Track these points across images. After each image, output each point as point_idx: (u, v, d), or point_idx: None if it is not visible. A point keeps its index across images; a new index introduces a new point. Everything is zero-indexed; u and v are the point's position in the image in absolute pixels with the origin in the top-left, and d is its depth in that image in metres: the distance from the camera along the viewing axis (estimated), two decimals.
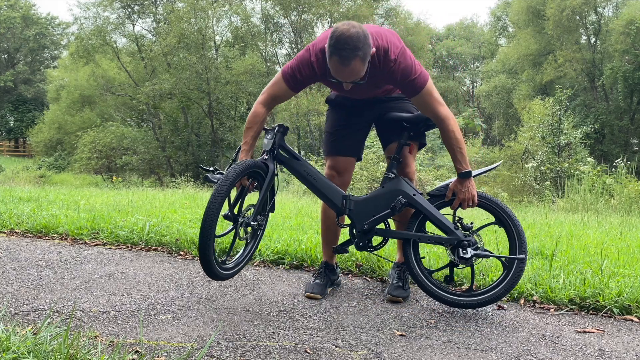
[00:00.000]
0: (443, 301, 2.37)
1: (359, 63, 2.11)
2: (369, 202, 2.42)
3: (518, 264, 2.35)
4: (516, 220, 2.42)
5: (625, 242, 3.79)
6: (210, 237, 2.10)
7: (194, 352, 1.78)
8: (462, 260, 2.35)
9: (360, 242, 2.42)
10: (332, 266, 2.71)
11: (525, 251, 2.37)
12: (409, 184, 2.44)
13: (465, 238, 2.36)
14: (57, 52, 43.23)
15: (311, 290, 2.56)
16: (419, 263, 2.42)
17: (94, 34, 24.46)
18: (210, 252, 2.12)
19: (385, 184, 2.44)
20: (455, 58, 41.46)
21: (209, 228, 2.09)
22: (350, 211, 2.41)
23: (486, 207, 2.43)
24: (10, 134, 40.89)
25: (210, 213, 2.09)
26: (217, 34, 25.30)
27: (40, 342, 1.62)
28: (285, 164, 2.46)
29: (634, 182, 7.82)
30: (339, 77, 2.18)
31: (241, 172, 2.19)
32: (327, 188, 2.44)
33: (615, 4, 28.96)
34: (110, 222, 4.10)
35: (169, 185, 15.35)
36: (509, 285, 2.34)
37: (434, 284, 2.39)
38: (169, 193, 8.54)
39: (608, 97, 28.24)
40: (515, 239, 2.38)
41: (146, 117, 25.85)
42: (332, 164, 2.65)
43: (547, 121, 13.69)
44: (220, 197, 2.10)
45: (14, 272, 2.81)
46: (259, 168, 2.31)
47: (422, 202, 2.39)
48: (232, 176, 2.15)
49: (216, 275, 2.21)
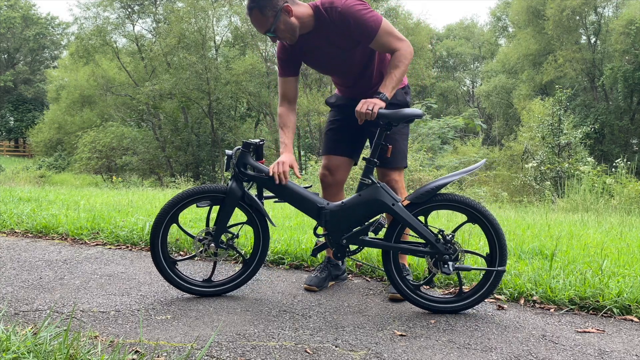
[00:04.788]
0: (430, 309, 2.33)
1: (257, 14, 2.35)
2: (345, 211, 2.33)
3: (497, 275, 2.31)
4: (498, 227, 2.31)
5: (625, 242, 3.79)
6: (156, 253, 2.40)
7: (194, 352, 1.78)
8: (444, 273, 2.30)
9: (339, 252, 2.39)
10: (335, 262, 2.74)
11: (505, 261, 2.32)
12: (388, 191, 2.32)
13: (447, 251, 2.29)
14: (57, 52, 43.23)
15: (309, 282, 2.63)
16: (399, 273, 2.36)
17: (94, 34, 24.46)
18: (161, 262, 2.42)
19: (362, 191, 2.33)
20: (455, 58, 41.46)
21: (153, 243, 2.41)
22: (327, 222, 2.35)
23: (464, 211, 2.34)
24: (10, 134, 40.88)
25: (151, 233, 2.40)
26: (217, 34, 25.31)
27: (40, 342, 1.62)
28: (253, 181, 2.43)
29: (634, 182, 7.82)
30: (256, 29, 2.40)
31: (182, 199, 2.40)
32: (300, 200, 2.38)
33: (615, 4, 28.97)
34: (110, 222, 4.10)
35: (169, 185, 15.35)
36: (492, 286, 2.32)
37: (419, 294, 2.35)
38: (169, 193, 8.54)
39: (608, 97, 28.24)
40: (495, 247, 2.31)
41: (146, 117, 25.85)
42: (326, 163, 2.70)
43: (547, 121, 13.69)
44: (157, 220, 2.39)
45: (14, 272, 2.81)
46: (213, 192, 2.42)
47: (401, 213, 2.29)
48: (171, 203, 2.40)
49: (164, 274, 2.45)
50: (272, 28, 2.35)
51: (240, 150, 2.41)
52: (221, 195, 2.41)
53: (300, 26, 2.40)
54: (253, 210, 2.47)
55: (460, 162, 15.79)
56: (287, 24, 2.37)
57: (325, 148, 2.73)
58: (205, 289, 2.47)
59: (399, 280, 2.36)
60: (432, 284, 2.41)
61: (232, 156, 2.41)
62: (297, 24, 2.38)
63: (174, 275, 2.43)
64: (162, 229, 2.40)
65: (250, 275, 2.52)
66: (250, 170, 2.42)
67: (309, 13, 2.40)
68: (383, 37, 2.37)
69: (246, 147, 2.41)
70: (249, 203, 2.45)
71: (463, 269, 2.33)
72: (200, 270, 2.98)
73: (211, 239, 2.43)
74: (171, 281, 2.43)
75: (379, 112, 2.28)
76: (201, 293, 2.46)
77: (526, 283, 2.60)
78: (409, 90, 2.70)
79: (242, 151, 2.41)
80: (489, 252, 2.34)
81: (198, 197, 2.42)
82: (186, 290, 2.45)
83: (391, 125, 2.32)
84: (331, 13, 2.37)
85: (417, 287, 2.37)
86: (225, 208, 2.41)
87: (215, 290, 2.47)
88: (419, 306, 2.35)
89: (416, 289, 2.36)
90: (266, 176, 2.39)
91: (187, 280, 2.47)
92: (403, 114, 2.29)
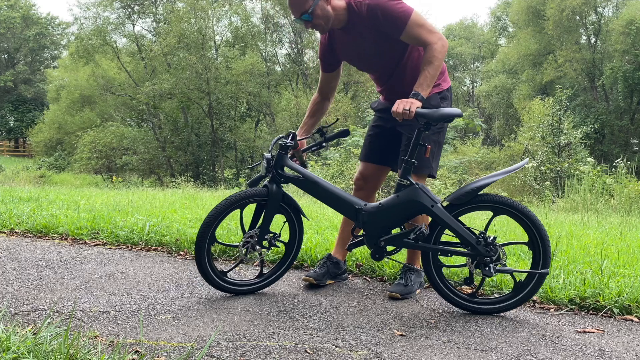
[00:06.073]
0: (470, 310, 2.32)
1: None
2: (382, 212, 2.32)
3: (539, 277, 2.27)
4: (542, 230, 2.27)
5: (625, 242, 3.79)
6: (202, 252, 2.38)
7: (194, 352, 1.78)
8: (485, 275, 2.27)
9: (377, 253, 2.39)
10: (336, 260, 2.76)
11: (549, 263, 2.27)
12: (427, 192, 2.27)
13: (488, 253, 2.25)
14: (57, 52, 43.24)
15: (307, 274, 2.69)
16: (439, 274, 2.35)
17: (94, 34, 24.47)
18: (205, 263, 2.40)
19: (400, 192, 2.30)
20: (455, 58, 41.44)
21: (200, 244, 2.39)
22: (364, 223, 2.35)
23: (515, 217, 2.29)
24: (10, 134, 40.89)
25: (200, 232, 2.38)
26: (217, 34, 25.33)
27: (40, 342, 1.62)
28: (290, 182, 2.49)
29: (634, 182, 7.81)
30: (293, 15, 2.48)
31: (232, 204, 2.40)
32: (337, 201, 2.41)
33: (615, 4, 28.97)
34: (110, 222, 4.10)
35: (169, 185, 15.35)
36: (533, 289, 2.29)
37: (458, 295, 2.34)
38: (169, 193, 8.54)
39: (608, 97, 28.24)
40: (539, 249, 2.27)
41: (146, 117, 25.86)
42: (361, 169, 2.75)
43: (547, 121, 13.69)
44: (207, 222, 2.38)
45: (14, 272, 2.81)
46: (255, 196, 2.44)
47: (440, 214, 2.25)
48: (222, 206, 2.39)
49: (216, 285, 2.46)
50: (310, 10, 2.39)
51: (278, 152, 2.47)
52: (263, 198, 2.46)
53: (334, 18, 2.44)
54: (291, 209, 2.56)
55: (461, 162, 15.80)
56: (324, 10, 2.41)
57: (363, 154, 2.78)
58: (260, 283, 2.56)
59: (439, 281, 2.35)
60: (471, 285, 2.36)
61: (269, 160, 2.45)
62: (332, 14, 2.43)
63: (227, 284, 2.49)
64: (207, 241, 2.40)
65: (291, 263, 2.64)
66: (287, 172, 2.48)
67: (343, 7, 2.45)
68: (413, 29, 2.35)
69: (283, 149, 2.46)
70: (287, 202, 2.53)
71: (505, 271, 2.29)
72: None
73: (255, 241, 2.48)
74: (226, 290, 2.49)
75: (416, 111, 2.24)
76: (258, 288, 2.55)
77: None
78: (449, 95, 2.60)
79: (279, 153, 2.46)
80: (532, 254, 2.30)
81: (243, 203, 2.44)
82: (245, 292, 2.52)
83: (430, 125, 2.27)
84: (361, 7, 2.41)
85: (455, 288, 2.37)
86: (268, 211, 2.46)
87: (268, 281, 2.58)
88: (458, 306, 2.35)
89: (455, 289, 2.36)
90: (303, 177, 2.44)
91: (240, 283, 2.53)
92: (442, 113, 2.25)
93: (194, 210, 5.08)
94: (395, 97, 2.40)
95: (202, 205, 5.79)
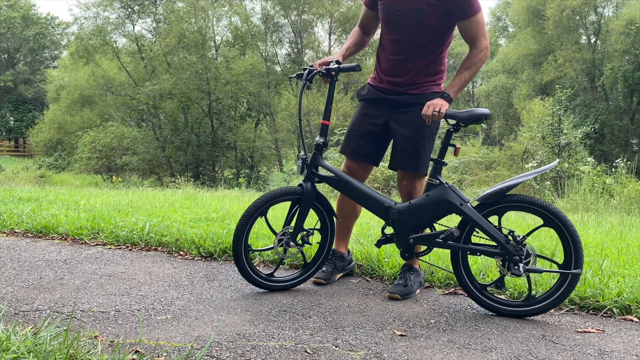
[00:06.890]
0: (496, 311, 2.30)
1: None
2: (412, 211, 2.35)
3: (572, 278, 2.23)
4: (571, 227, 2.23)
5: (625, 242, 3.79)
6: (239, 248, 2.45)
7: (194, 352, 1.78)
8: (513, 275, 2.26)
9: (406, 252, 2.41)
10: (340, 253, 2.78)
11: (581, 264, 2.23)
12: (456, 192, 2.29)
13: (517, 252, 2.23)
14: (57, 52, 43.25)
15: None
16: (468, 274, 2.35)
17: (94, 34, 24.49)
18: (242, 260, 2.47)
19: (430, 191, 2.33)
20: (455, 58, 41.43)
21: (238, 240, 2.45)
22: (394, 222, 2.38)
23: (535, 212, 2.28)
24: (10, 134, 40.90)
25: (238, 227, 2.45)
26: (217, 34, 25.32)
27: (40, 342, 1.62)
28: (324, 182, 2.54)
29: (634, 182, 7.82)
30: None
31: (268, 200, 2.47)
32: (368, 200, 2.44)
33: (615, 4, 28.98)
34: (110, 222, 4.10)
35: (169, 185, 15.35)
36: (566, 291, 2.25)
37: (486, 295, 2.33)
38: (169, 193, 8.54)
39: (608, 97, 28.25)
40: (571, 249, 2.23)
41: (146, 117, 25.86)
42: (348, 164, 2.71)
43: (547, 121, 13.69)
44: (245, 217, 2.44)
45: (14, 272, 2.81)
46: (290, 194, 2.51)
47: (469, 213, 2.26)
48: (258, 203, 2.45)
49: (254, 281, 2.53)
50: None
51: (313, 152, 2.51)
52: (298, 196, 2.51)
53: None
54: (324, 207, 2.60)
55: (461, 162, 15.78)
56: None
57: (347, 149, 2.68)
58: (305, 275, 2.64)
59: (467, 280, 2.35)
60: (502, 289, 2.35)
61: (304, 160, 2.50)
62: None
63: (274, 283, 2.56)
64: (245, 236, 2.46)
65: (321, 264, 2.68)
66: (321, 171, 2.52)
67: None
68: (475, 24, 2.37)
69: (318, 150, 2.51)
70: (320, 201, 2.58)
71: (534, 270, 2.27)
72: None
73: (288, 238, 2.53)
74: (274, 289, 2.56)
75: (446, 112, 2.29)
76: (305, 279, 2.64)
77: (526, 283, 2.60)
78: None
79: (314, 153, 2.51)
80: (564, 256, 2.27)
81: (279, 199, 2.51)
82: (291, 286, 2.60)
83: (459, 125, 2.31)
84: None
85: (484, 288, 2.36)
86: (303, 208, 2.51)
87: (312, 271, 2.65)
88: (486, 307, 2.33)
89: (483, 289, 2.35)
90: (336, 177, 2.49)
91: (285, 280, 2.60)
92: (472, 113, 2.27)
93: (194, 210, 5.08)
94: (391, 77, 2.47)
95: (202, 205, 5.79)
